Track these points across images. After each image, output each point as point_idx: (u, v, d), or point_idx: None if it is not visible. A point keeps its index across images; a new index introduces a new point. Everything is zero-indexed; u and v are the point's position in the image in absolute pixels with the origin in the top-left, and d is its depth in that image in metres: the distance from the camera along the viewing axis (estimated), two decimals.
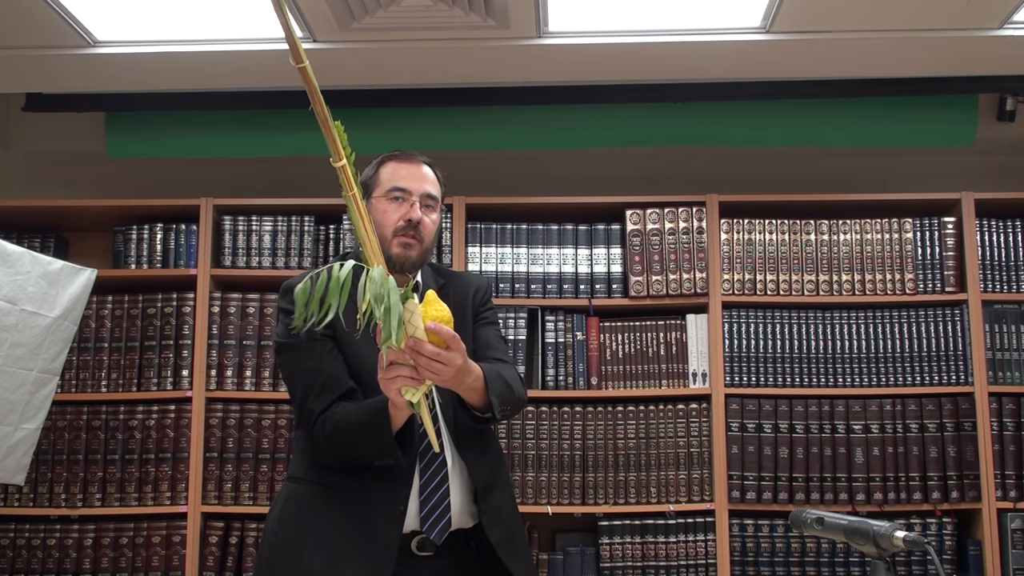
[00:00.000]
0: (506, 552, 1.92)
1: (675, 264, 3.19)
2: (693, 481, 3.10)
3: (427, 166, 2.05)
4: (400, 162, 2.03)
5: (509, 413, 1.92)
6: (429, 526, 1.88)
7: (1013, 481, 3.04)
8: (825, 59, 2.90)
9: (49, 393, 2.75)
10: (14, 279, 2.60)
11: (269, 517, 1.99)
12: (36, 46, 2.80)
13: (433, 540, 1.89)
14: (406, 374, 1.65)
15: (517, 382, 1.97)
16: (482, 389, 1.83)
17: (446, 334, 1.65)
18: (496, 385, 1.85)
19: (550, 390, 3.16)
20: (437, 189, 2.05)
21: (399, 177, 2.00)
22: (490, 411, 1.84)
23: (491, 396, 1.83)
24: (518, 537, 2.02)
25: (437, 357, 1.64)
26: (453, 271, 2.30)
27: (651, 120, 3.34)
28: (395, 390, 1.66)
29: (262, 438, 3.13)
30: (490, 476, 1.98)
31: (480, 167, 3.53)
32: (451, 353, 1.66)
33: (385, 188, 1.99)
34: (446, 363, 1.65)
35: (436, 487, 1.91)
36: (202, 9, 2.62)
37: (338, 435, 1.84)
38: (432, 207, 2.01)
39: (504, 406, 1.87)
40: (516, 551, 1.96)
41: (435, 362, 1.64)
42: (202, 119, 3.36)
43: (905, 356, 3.14)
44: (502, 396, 1.86)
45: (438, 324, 1.65)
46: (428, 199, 2.00)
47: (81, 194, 3.49)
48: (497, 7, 2.56)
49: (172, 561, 3.05)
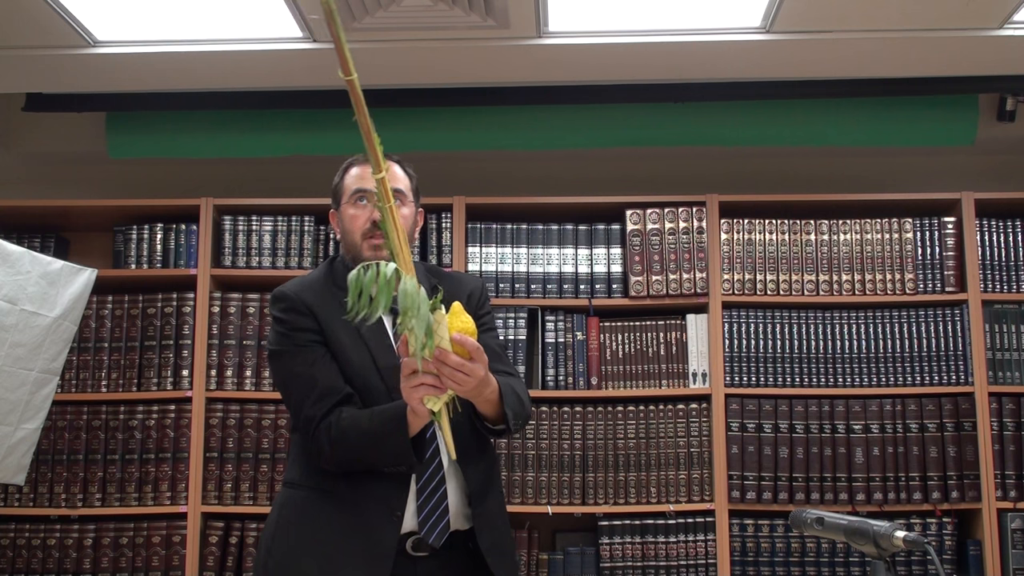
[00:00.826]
0: (494, 557, 1.93)
1: (675, 264, 3.19)
2: (693, 481, 3.10)
3: (389, 161, 2.00)
4: (361, 164, 2.02)
5: (520, 427, 1.95)
6: (428, 529, 1.88)
7: (1013, 481, 3.04)
8: (825, 59, 2.90)
9: (49, 393, 2.75)
10: (14, 279, 2.60)
11: (267, 523, 1.99)
12: (36, 46, 2.80)
13: (432, 543, 1.88)
14: (430, 382, 1.66)
15: (526, 396, 2.00)
16: (496, 401, 1.84)
17: (471, 346, 1.66)
18: (511, 399, 1.87)
19: (550, 390, 3.16)
20: (404, 183, 2.02)
21: (359, 179, 1.99)
22: (503, 423, 1.86)
23: (506, 409, 1.85)
24: (506, 541, 2.04)
25: (461, 368, 1.65)
26: (447, 271, 2.29)
27: (651, 120, 3.34)
28: (418, 399, 1.68)
29: (262, 438, 3.13)
30: (485, 481, 1.99)
31: (480, 167, 3.53)
32: (475, 365, 1.67)
33: (349, 193, 1.99)
34: (470, 374, 1.67)
35: (434, 490, 1.91)
36: (202, 9, 2.62)
37: (347, 441, 1.84)
38: (400, 202, 1.96)
39: (517, 420, 1.90)
40: (503, 555, 1.97)
41: (459, 373, 1.65)
42: (202, 119, 3.36)
43: (905, 356, 3.14)
44: (515, 411, 1.89)
45: (463, 335, 1.66)
46: (396, 194, 1.94)
47: (81, 194, 3.49)
48: (497, 7, 2.56)
49: (172, 561, 3.05)
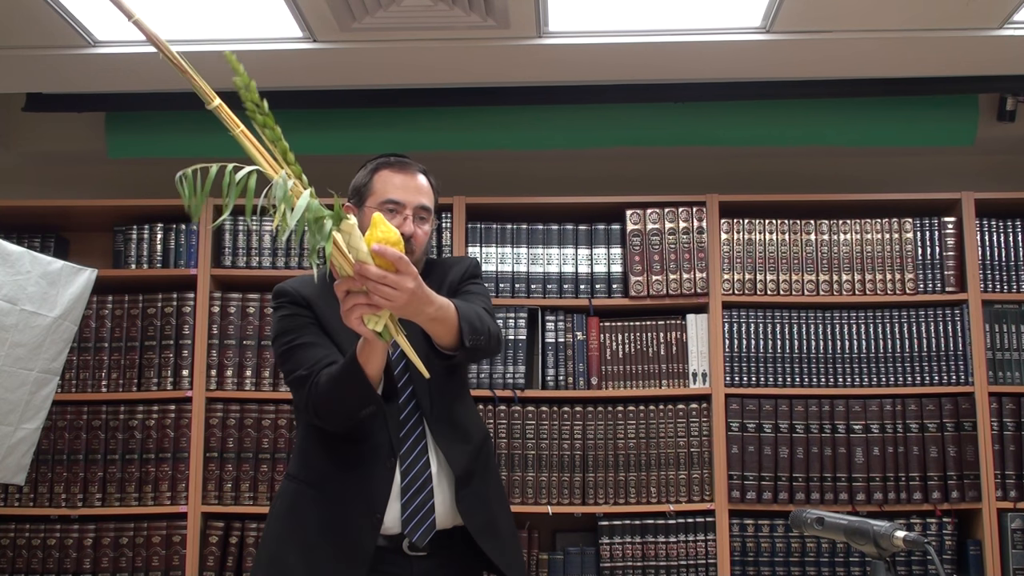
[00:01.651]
0: (485, 538, 1.90)
1: (675, 264, 3.19)
2: (693, 481, 3.10)
3: (422, 175, 2.02)
4: (395, 171, 1.98)
5: (483, 344, 1.82)
6: (411, 528, 1.86)
7: (1013, 481, 3.04)
8: (825, 59, 2.90)
9: (49, 393, 2.75)
10: (14, 279, 2.60)
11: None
12: (36, 46, 2.80)
13: (416, 542, 1.87)
14: (362, 301, 1.57)
15: (488, 317, 1.89)
16: (449, 320, 1.73)
17: (391, 255, 1.55)
18: (466, 312, 1.78)
19: (550, 390, 3.16)
20: (431, 199, 2.01)
21: (393, 188, 1.96)
22: (460, 344, 1.76)
23: (461, 323, 1.74)
24: (500, 523, 1.99)
25: (384, 280, 1.54)
26: (439, 259, 2.24)
27: (651, 120, 3.34)
28: (356, 320, 1.59)
29: (262, 438, 3.13)
30: (470, 464, 1.95)
31: (480, 167, 3.53)
32: (400, 276, 1.56)
33: (379, 199, 1.95)
34: (395, 286, 1.55)
35: (419, 489, 1.89)
36: (202, 9, 2.62)
37: (321, 391, 1.82)
38: (425, 219, 1.98)
39: (476, 335, 1.78)
40: (496, 535, 1.93)
41: (383, 286, 1.55)
42: (202, 119, 3.32)
43: (905, 356, 3.14)
44: (471, 323, 1.78)
45: (383, 245, 1.55)
46: (422, 211, 1.97)
47: (81, 194, 3.49)
48: (497, 7, 2.56)
49: (172, 561, 3.06)
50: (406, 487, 1.88)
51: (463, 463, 1.94)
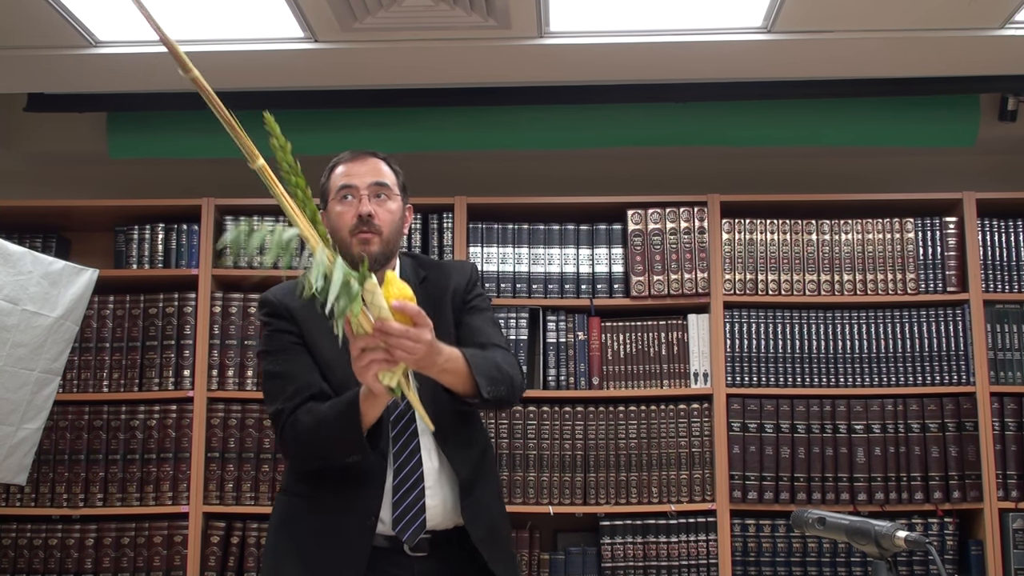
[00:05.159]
0: (486, 546, 1.90)
1: (676, 264, 3.19)
2: (694, 481, 3.10)
3: (375, 158, 2.00)
4: (345, 162, 2.00)
5: (505, 395, 1.83)
6: (401, 529, 1.86)
7: (1015, 481, 3.04)
8: (826, 59, 2.90)
9: (51, 393, 2.75)
10: (16, 279, 2.61)
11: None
12: (37, 46, 2.80)
13: (406, 542, 1.86)
14: (379, 357, 1.59)
15: (509, 364, 1.89)
16: (460, 371, 1.75)
17: (411, 310, 1.58)
18: (481, 365, 1.78)
19: (551, 390, 3.16)
20: (390, 178, 1.99)
21: (344, 175, 1.97)
22: (477, 394, 1.77)
23: (476, 376, 1.75)
24: (500, 531, 2.00)
25: (406, 335, 1.57)
26: (437, 261, 2.23)
27: (652, 120, 3.34)
28: (371, 376, 1.61)
29: (263, 438, 3.13)
30: (474, 472, 1.95)
31: (481, 167, 3.53)
32: (419, 329, 1.59)
33: (334, 191, 1.97)
34: (416, 340, 1.58)
35: (410, 489, 1.88)
36: (203, 9, 2.62)
37: (306, 431, 1.81)
38: (386, 196, 1.95)
39: (494, 386, 1.78)
40: (496, 543, 1.94)
41: (405, 340, 1.57)
42: (203, 119, 3.32)
43: (906, 356, 3.14)
44: (490, 376, 1.78)
45: (402, 301, 1.58)
46: (378, 188, 1.95)
47: (82, 194, 3.49)
48: (498, 7, 2.56)
49: (173, 561, 3.06)
50: (397, 487, 1.88)
51: (468, 471, 1.94)
